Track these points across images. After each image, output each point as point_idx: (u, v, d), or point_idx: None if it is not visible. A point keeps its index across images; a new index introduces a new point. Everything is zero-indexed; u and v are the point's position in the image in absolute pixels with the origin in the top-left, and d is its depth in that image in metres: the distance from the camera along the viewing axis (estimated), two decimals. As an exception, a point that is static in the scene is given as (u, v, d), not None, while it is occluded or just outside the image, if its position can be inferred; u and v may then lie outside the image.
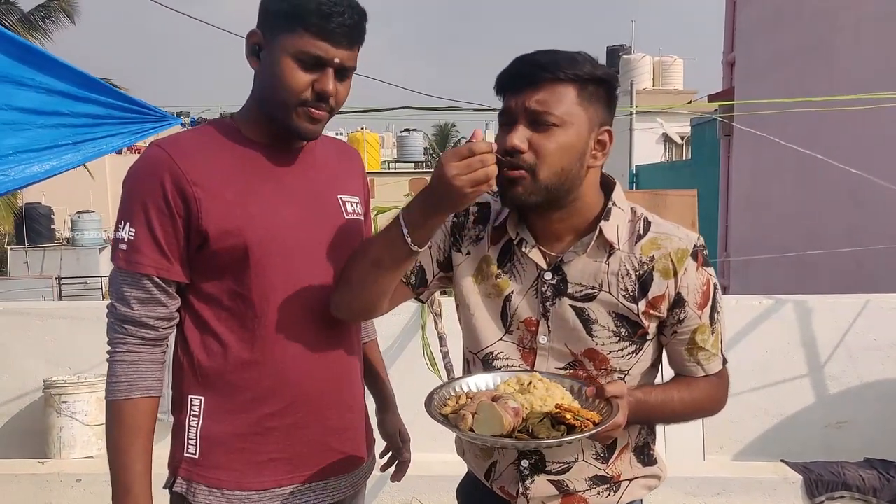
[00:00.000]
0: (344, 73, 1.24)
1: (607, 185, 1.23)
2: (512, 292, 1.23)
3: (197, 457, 1.26)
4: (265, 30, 1.23)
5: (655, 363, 1.28)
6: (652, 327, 1.20)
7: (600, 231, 1.18)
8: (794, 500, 3.00)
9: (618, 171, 16.31)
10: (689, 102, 13.88)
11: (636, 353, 1.21)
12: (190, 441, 1.27)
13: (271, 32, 1.21)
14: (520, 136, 1.11)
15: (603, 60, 1.21)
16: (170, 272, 1.23)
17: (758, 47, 8.55)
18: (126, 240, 1.21)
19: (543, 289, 1.20)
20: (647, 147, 17.84)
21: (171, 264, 1.23)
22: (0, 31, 2.38)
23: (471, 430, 1.03)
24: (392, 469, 1.58)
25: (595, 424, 1.02)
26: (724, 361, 1.27)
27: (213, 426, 1.26)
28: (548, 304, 1.20)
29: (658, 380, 1.31)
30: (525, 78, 1.12)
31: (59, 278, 15.44)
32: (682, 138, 17.94)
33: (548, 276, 1.20)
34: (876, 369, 3.27)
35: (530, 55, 1.14)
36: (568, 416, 1.01)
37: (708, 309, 1.21)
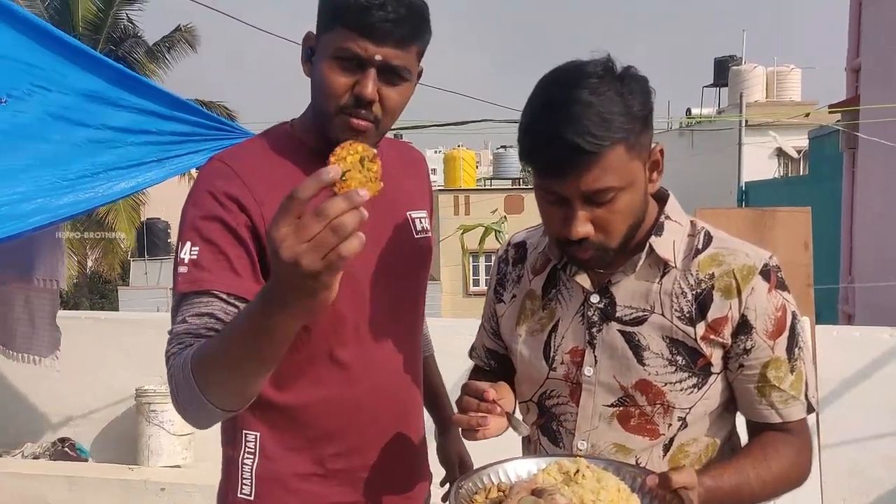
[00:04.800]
0: (393, 75, 1.08)
1: (661, 198, 1.10)
2: (558, 321, 1.12)
3: (252, 498, 1.15)
4: (317, 32, 1.13)
5: (728, 408, 1.09)
6: (715, 357, 1.03)
7: (650, 248, 1.05)
8: (935, 571, 2.58)
9: (725, 188, 15.39)
10: (808, 115, 12.82)
11: (698, 389, 1.04)
12: (244, 481, 1.16)
13: (319, 34, 1.12)
14: (583, 223, 0.98)
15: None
16: (239, 288, 1.04)
17: (886, 50, 7.76)
18: (187, 260, 1.05)
19: (590, 313, 1.09)
20: (760, 163, 16.74)
21: (243, 280, 1.05)
22: (96, 56, 2.50)
23: None
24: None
25: None
26: (810, 409, 1.06)
27: (269, 465, 1.16)
28: (594, 329, 1.08)
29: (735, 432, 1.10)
30: (569, 165, 0.94)
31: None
32: (799, 152, 16.70)
33: (594, 298, 1.09)
34: None
35: (563, 135, 0.93)
36: None
37: (783, 340, 1.04)
